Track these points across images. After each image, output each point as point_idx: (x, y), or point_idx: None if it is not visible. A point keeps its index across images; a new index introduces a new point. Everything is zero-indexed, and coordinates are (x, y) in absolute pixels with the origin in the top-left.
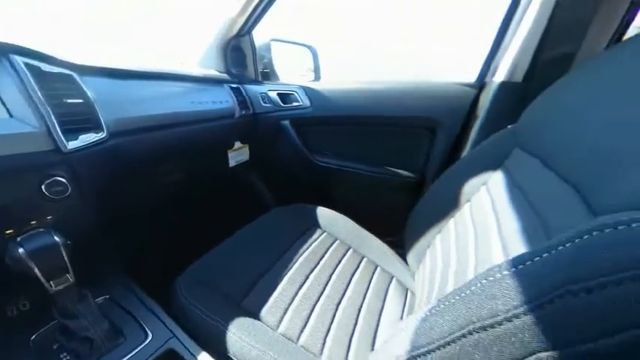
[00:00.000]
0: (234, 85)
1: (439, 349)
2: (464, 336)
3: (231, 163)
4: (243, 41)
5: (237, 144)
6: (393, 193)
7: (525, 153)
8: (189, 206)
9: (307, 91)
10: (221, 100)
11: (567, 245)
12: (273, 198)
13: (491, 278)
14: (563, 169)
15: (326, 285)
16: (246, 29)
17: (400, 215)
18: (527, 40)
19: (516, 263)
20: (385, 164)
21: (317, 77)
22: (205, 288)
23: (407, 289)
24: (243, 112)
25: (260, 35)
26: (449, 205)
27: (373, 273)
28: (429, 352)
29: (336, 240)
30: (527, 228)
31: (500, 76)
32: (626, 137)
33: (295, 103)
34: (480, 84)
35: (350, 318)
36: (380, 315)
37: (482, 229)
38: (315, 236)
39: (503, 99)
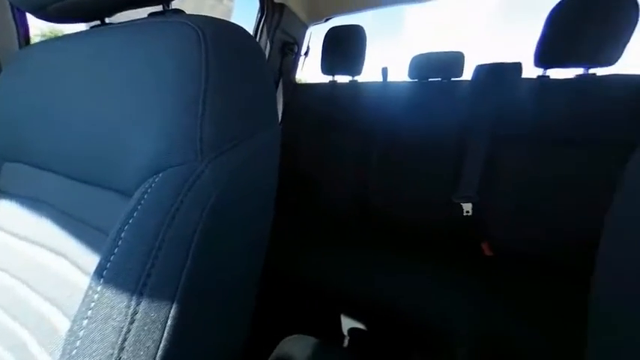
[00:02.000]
0: None
1: None
2: None
3: None
4: None
5: None
6: None
7: (20, 164)
8: None
9: None
10: None
11: (124, 231)
12: None
13: (93, 304)
14: (63, 168)
15: None
16: None
17: None
18: None
19: (100, 272)
20: None
21: None
22: None
23: None
24: None
25: None
26: None
27: None
28: None
29: None
30: (76, 234)
31: None
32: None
33: None
34: None
35: None
36: None
37: (28, 269)
38: None
39: None
